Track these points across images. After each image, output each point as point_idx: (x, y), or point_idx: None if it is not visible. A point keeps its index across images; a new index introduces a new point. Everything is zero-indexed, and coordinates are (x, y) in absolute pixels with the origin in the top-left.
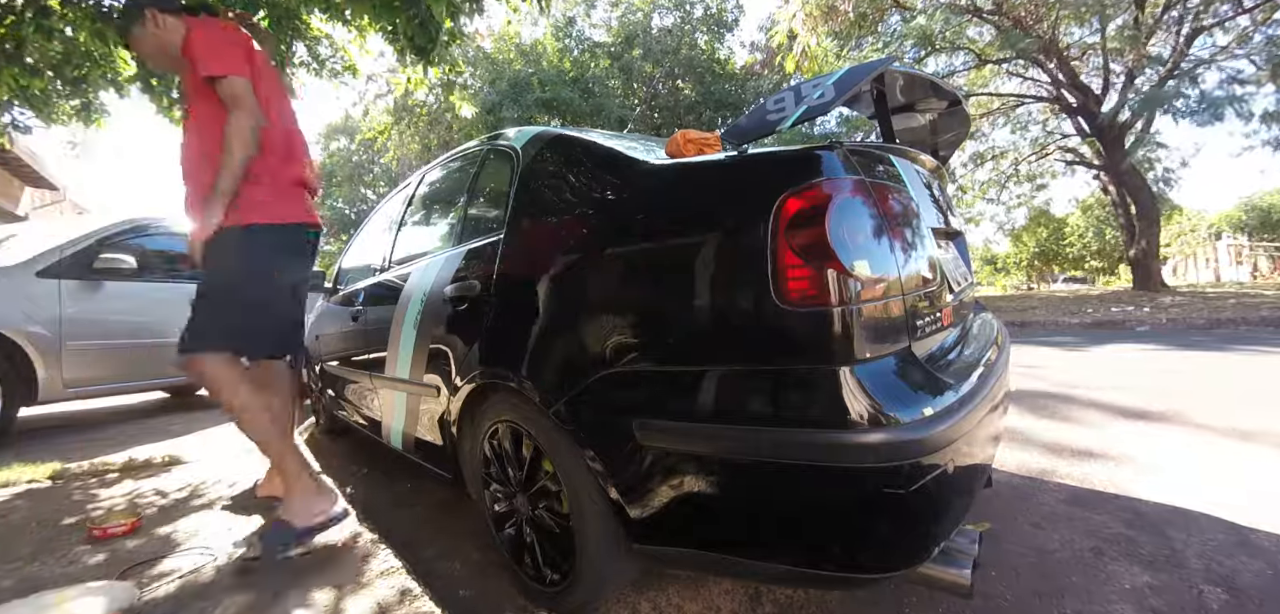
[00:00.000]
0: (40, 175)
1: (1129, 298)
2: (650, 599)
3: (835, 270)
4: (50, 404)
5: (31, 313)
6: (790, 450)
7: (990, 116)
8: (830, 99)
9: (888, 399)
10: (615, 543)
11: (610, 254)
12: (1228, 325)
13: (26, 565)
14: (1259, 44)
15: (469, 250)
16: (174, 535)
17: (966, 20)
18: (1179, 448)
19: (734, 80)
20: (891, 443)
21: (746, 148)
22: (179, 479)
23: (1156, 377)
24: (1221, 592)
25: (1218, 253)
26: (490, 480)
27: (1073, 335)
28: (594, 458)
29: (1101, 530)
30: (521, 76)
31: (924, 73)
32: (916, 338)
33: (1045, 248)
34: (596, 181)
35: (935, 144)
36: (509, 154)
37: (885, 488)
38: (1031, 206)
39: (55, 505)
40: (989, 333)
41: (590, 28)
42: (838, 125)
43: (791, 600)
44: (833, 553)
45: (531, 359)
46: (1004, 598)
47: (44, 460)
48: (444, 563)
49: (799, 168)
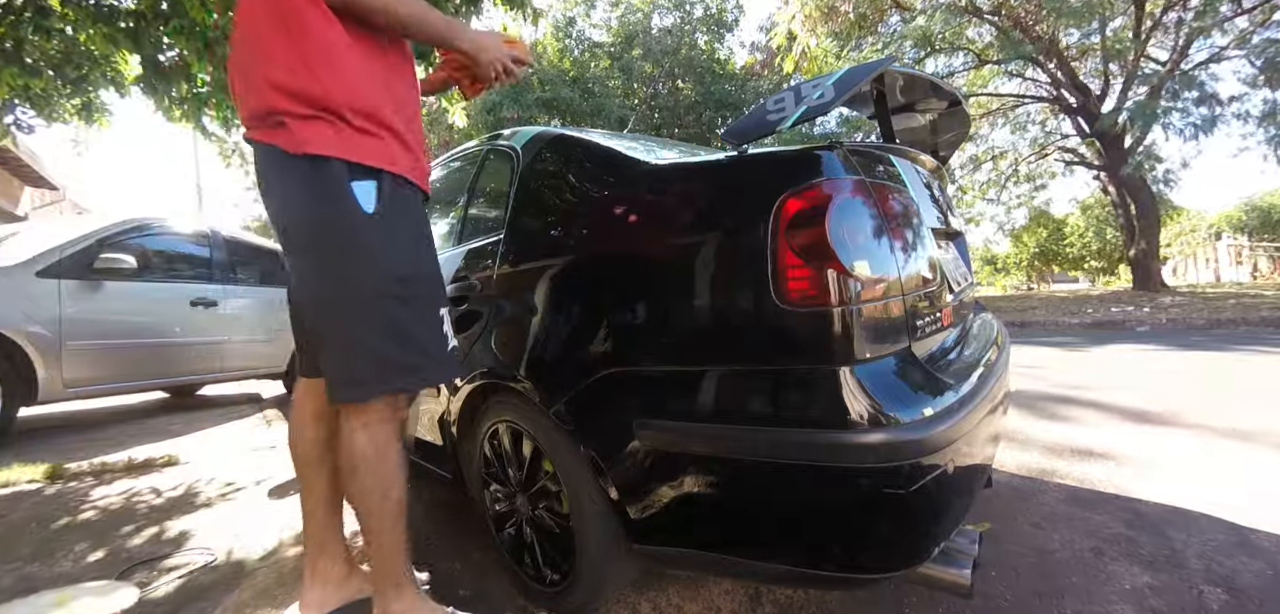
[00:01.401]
0: (40, 175)
1: (1129, 298)
2: (650, 599)
3: (835, 270)
4: (50, 404)
5: (31, 313)
6: (790, 450)
7: (990, 117)
8: (830, 99)
9: (888, 399)
10: (615, 543)
11: (610, 254)
12: (1228, 325)
13: (26, 565)
14: (1257, 45)
15: (469, 250)
16: (174, 535)
17: (966, 21)
18: (1179, 448)
19: (734, 80)
20: (891, 443)
21: (746, 148)
22: (179, 479)
23: (1156, 377)
24: (1221, 592)
25: (1218, 253)
26: (490, 480)
27: (1073, 335)
28: (594, 458)
29: (1101, 530)
30: (521, 76)
31: (924, 73)
32: (916, 338)
33: (1045, 248)
34: (596, 181)
35: (935, 144)
36: (509, 154)
37: (885, 488)
38: (1031, 207)
39: (55, 505)
40: (989, 333)
41: (590, 28)
42: (838, 125)
43: (791, 600)
44: (833, 553)
45: (531, 359)
46: (1004, 598)
47: (44, 460)
48: (444, 563)
49: (799, 168)
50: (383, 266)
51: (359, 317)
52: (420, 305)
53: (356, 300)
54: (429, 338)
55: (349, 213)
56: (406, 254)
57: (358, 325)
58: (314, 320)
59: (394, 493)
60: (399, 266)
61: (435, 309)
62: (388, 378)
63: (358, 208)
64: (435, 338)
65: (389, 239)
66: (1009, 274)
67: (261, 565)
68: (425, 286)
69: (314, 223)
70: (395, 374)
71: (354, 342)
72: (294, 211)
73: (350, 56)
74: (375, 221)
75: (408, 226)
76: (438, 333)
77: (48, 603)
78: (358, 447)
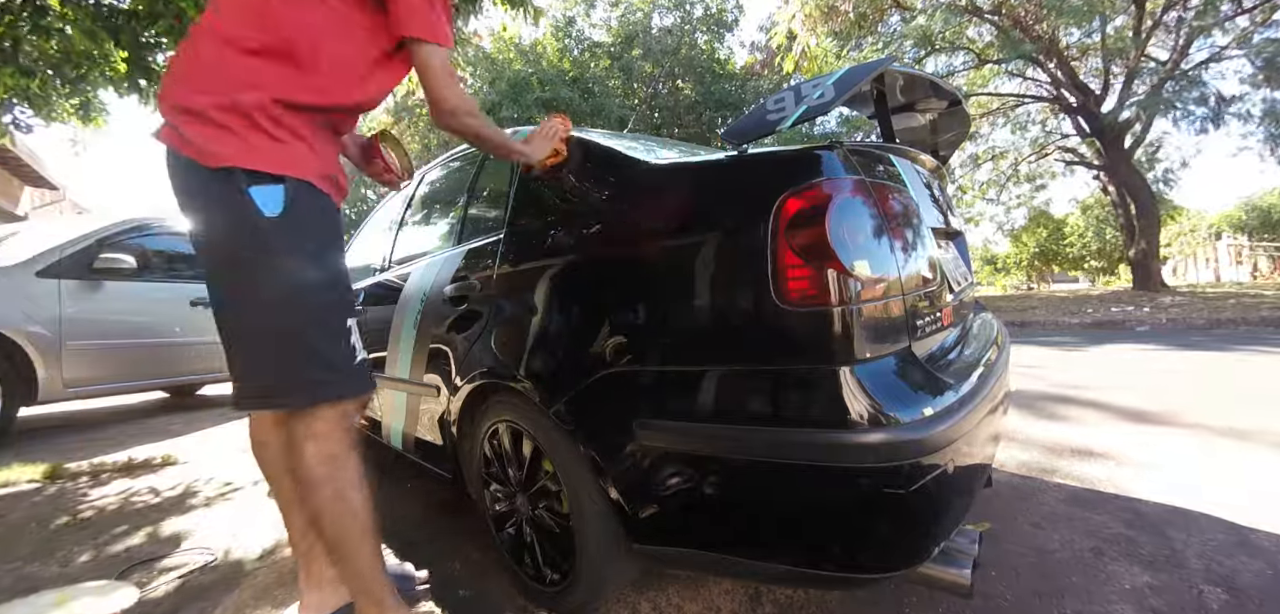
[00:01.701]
0: (40, 175)
1: (1129, 298)
2: (650, 599)
3: (835, 270)
4: (50, 404)
5: (31, 313)
6: (790, 450)
7: (990, 116)
8: (830, 99)
9: (888, 399)
10: (615, 543)
11: (610, 254)
12: (1228, 325)
13: (26, 565)
14: (1258, 45)
15: (469, 250)
16: (173, 535)
17: (966, 21)
18: (1179, 448)
19: (734, 80)
20: (891, 443)
21: (746, 148)
22: (178, 479)
23: (1156, 377)
24: (1221, 592)
25: (1218, 253)
26: (490, 480)
27: (1073, 335)
28: (594, 458)
29: (1101, 530)
30: (521, 76)
31: (924, 73)
32: (916, 338)
33: (1045, 248)
34: (596, 181)
35: (935, 144)
36: None
37: (885, 488)
38: (1031, 207)
39: (55, 505)
40: (989, 333)
41: (590, 28)
42: (838, 125)
43: (791, 600)
44: (833, 553)
45: (531, 359)
46: (1004, 598)
47: (44, 460)
48: (444, 563)
49: (799, 168)
50: (283, 275)
51: (260, 325)
52: (324, 317)
53: (256, 309)
54: (334, 351)
55: (249, 218)
56: (311, 263)
57: (257, 335)
58: (217, 324)
59: (354, 506)
60: (302, 275)
61: (342, 321)
62: (290, 391)
63: (258, 213)
64: (341, 351)
65: (292, 247)
66: (1009, 274)
67: (261, 565)
68: (330, 297)
69: (213, 227)
70: (297, 388)
71: (254, 351)
72: (196, 215)
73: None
74: (278, 227)
75: (314, 234)
76: (343, 346)
77: (48, 603)
78: (307, 460)
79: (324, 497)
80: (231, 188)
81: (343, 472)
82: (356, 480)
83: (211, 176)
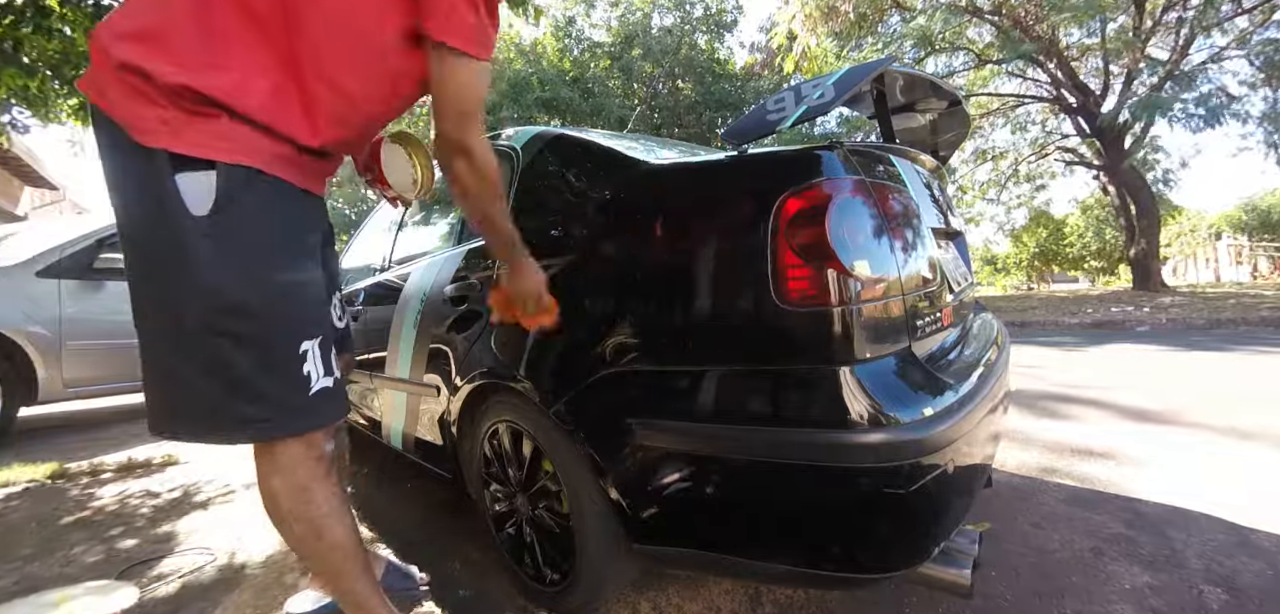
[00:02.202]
0: (40, 175)
1: (1129, 298)
2: (650, 599)
3: (835, 270)
4: (50, 404)
5: (31, 313)
6: (790, 450)
7: (990, 117)
8: (830, 99)
9: (888, 399)
10: (615, 543)
11: (610, 254)
12: (1228, 325)
13: (26, 565)
14: (1257, 45)
15: (469, 250)
16: (173, 535)
17: (966, 21)
18: (1179, 448)
19: (734, 80)
20: (891, 443)
21: (746, 148)
22: (178, 479)
23: (1156, 377)
24: (1221, 592)
25: (1218, 253)
26: (490, 480)
27: (1073, 335)
28: (594, 458)
29: (1101, 530)
30: (521, 76)
31: (924, 73)
32: (916, 338)
33: (1045, 248)
34: (596, 181)
35: (935, 144)
36: (509, 154)
37: (885, 488)
38: (1031, 207)
39: (55, 505)
40: (989, 333)
41: (590, 28)
42: (838, 125)
43: (791, 600)
44: (833, 553)
45: (531, 359)
46: (1004, 598)
47: (44, 460)
48: (444, 563)
49: (799, 168)
50: (204, 291)
51: (172, 345)
52: (262, 340)
53: (167, 326)
54: (270, 382)
55: (169, 213)
56: (247, 278)
57: (170, 355)
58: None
59: (334, 538)
60: (232, 293)
61: (291, 344)
62: (212, 426)
63: (182, 209)
64: (284, 381)
65: (222, 253)
66: (1009, 274)
67: (261, 565)
68: (273, 317)
69: (130, 215)
70: (222, 424)
71: (167, 373)
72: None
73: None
74: (205, 227)
75: (256, 236)
76: (290, 374)
77: (48, 602)
78: (274, 495)
79: (298, 534)
80: (155, 172)
81: (315, 504)
82: (334, 510)
83: (136, 153)
